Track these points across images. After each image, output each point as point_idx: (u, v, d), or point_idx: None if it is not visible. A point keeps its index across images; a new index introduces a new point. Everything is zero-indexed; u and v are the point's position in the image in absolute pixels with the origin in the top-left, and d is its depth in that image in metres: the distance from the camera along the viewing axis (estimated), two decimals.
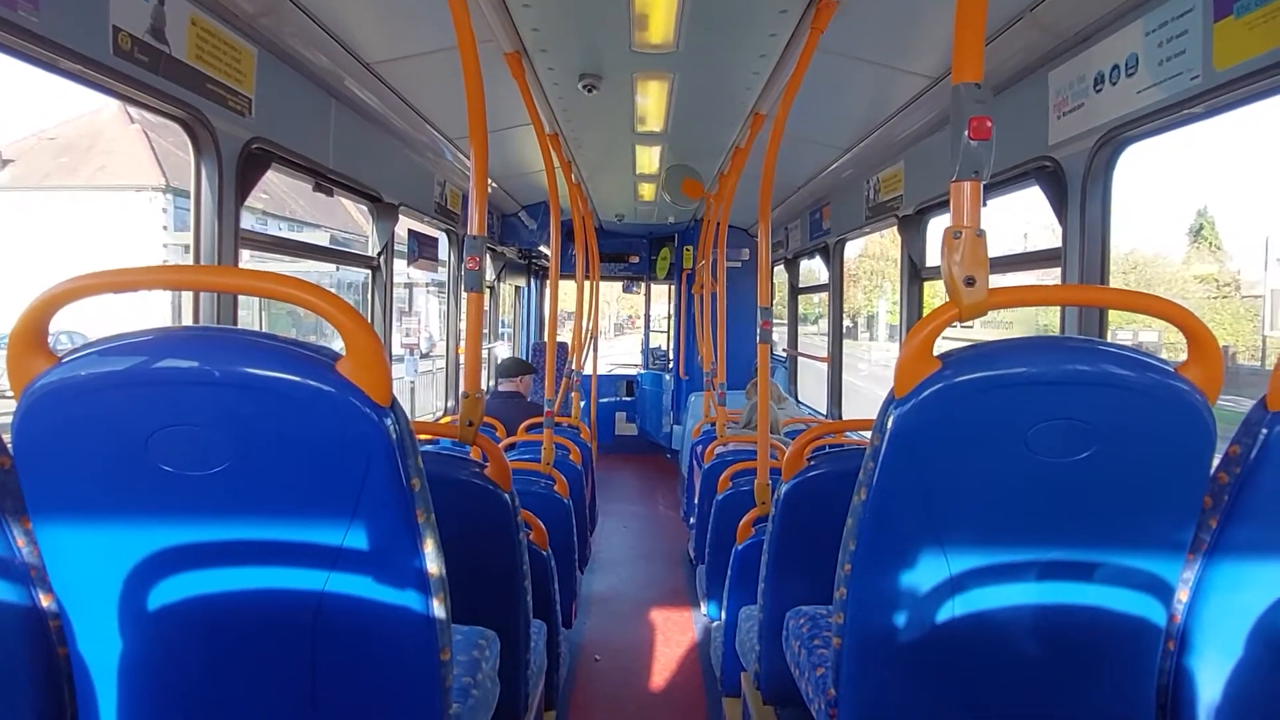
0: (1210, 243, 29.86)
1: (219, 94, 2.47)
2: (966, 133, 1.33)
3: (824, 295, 7.13)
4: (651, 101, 4.00)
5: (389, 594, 1.23)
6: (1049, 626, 1.38)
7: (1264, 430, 1.30)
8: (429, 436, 3.22)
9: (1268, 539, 1.33)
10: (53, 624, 1.24)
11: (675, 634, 4.29)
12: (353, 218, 22.71)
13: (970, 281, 1.33)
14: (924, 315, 1.42)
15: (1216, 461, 1.36)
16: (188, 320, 2.52)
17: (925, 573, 1.37)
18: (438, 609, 1.26)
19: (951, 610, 1.38)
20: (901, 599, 1.39)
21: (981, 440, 1.31)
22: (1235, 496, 1.33)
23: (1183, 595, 1.39)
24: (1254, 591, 1.35)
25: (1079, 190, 2.53)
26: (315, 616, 1.22)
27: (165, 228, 17.79)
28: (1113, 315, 2.71)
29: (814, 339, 8.06)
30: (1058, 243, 2.69)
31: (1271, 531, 1.33)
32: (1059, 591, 1.37)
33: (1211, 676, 1.38)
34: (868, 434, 1.45)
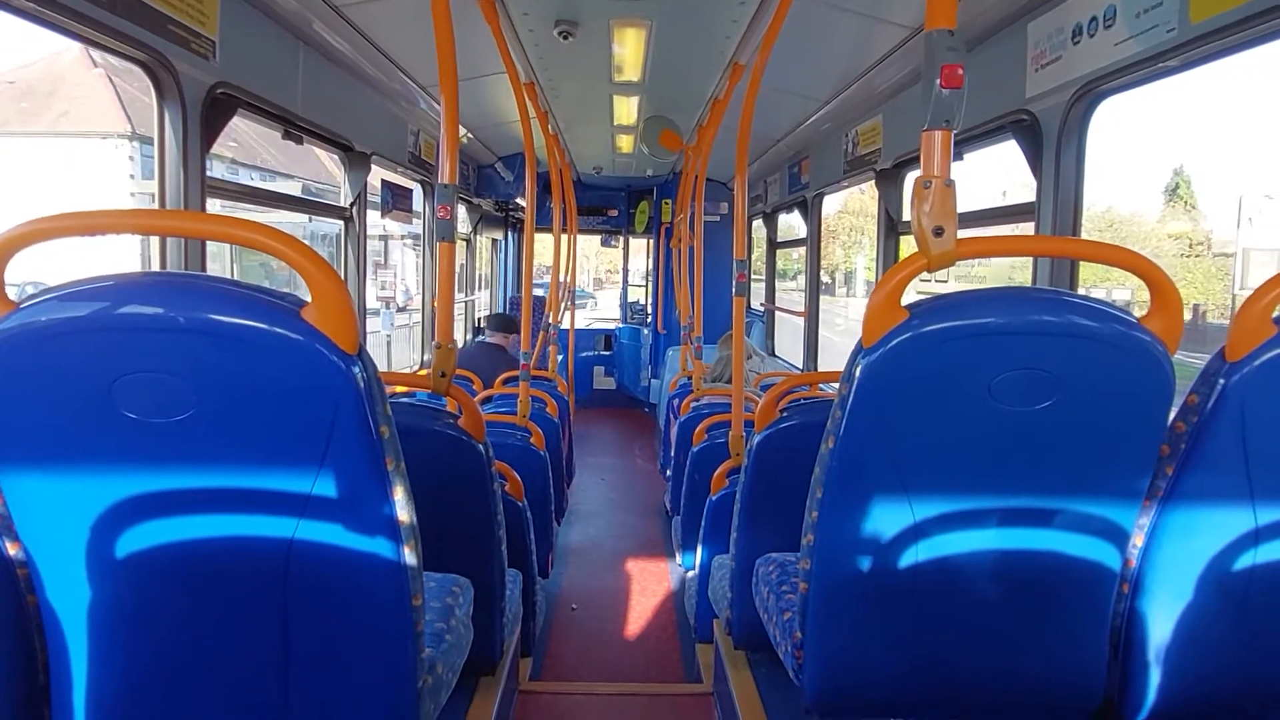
0: (1185, 201, 30.03)
1: (181, 35, 2.39)
2: (938, 81, 1.32)
3: (801, 251, 7.13)
4: (629, 50, 3.93)
5: (359, 541, 1.23)
6: (1008, 570, 1.42)
7: (1221, 380, 1.33)
8: (403, 388, 3.21)
9: (1220, 486, 1.37)
10: (20, 572, 1.23)
11: (650, 583, 4.37)
12: (325, 168, 22.18)
13: (939, 231, 1.33)
14: None
15: (1174, 411, 1.39)
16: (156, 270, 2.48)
17: (889, 519, 1.40)
18: (408, 555, 1.28)
19: (914, 555, 1.41)
20: (866, 544, 1.42)
21: (946, 389, 1.33)
22: (1191, 445, 1.37)
23: (1138, 540, 1.43)
24: (1205, 537, 1.39)
25: (1054, 144, 2.53)
26: (286, 563, 1.23)
27: (132, 176, 17.23)
28: (1087, 274, 2.73)
29: (791, 295, 8.08)
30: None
31: (1224, 479, 1.37)
32: (1019, 537, 1.40)
33: (1162, 618, 1.43)
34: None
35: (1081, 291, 2.56)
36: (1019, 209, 2.93)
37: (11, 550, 1.22)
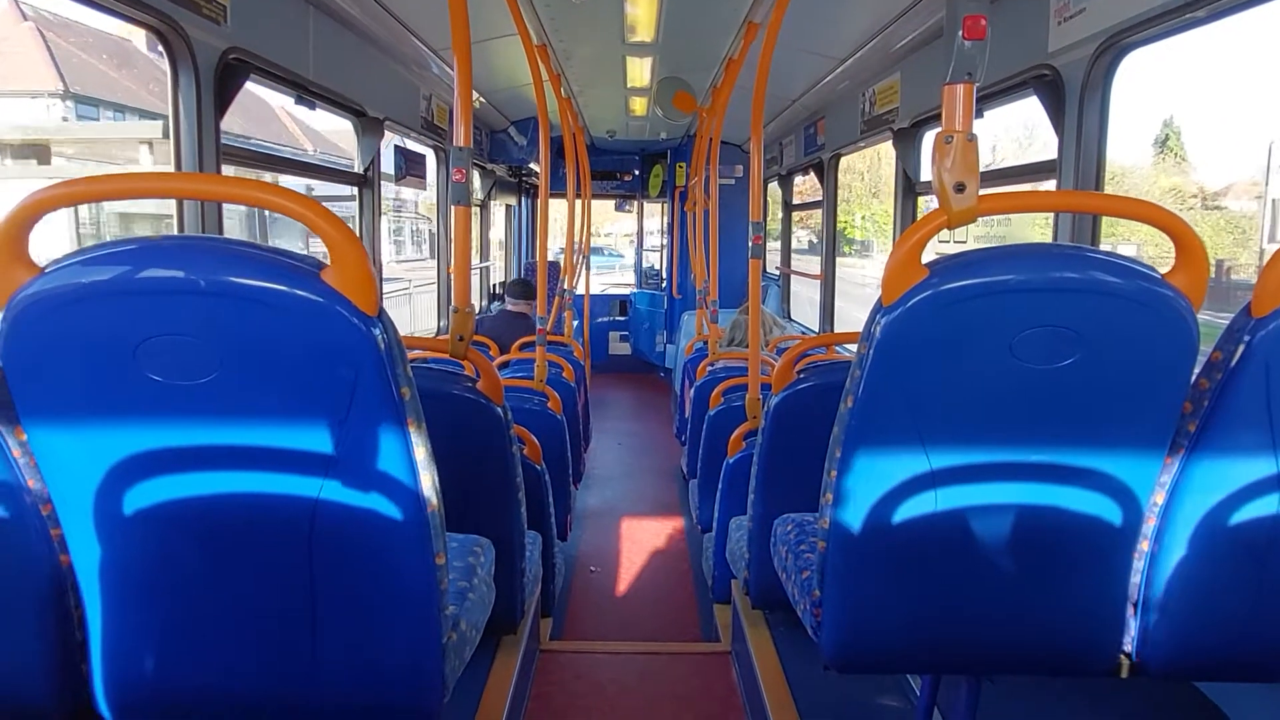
0: (1175, 153, 29.09)
1: (192, 0, 2.38)
2: (960, 32, 1.29)
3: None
4: (642, 10, 3.87)
5: (383, 500, 1.25)
6: (1028, 527, 1.42)
7: (1246, 337, 1.32)
8: (420, 354, 3.23)
9: (1244, 443, 1.36)
10: (54, 533, 1.26)
11: (667, 545, 4.41)
12: (289, 133, 21.77)
13: (960, 188, 1.32)
14: None
15: (1199, 368, 1.38)
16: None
17: (908, 477, 1.40)
18: (431, 515, 1.29)
19: (934, 513, 1.41)
20: (885, 503, 1.42)
21: (967, 347, 1.32)
22: (1214, 402, 1.35)
23: (1159, 498, 1.42)
24: (1227, 495, 1.38)
25: (1077, 99, 2.49)
26: (311, 522, 1.25)
27: None
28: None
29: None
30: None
31: (1248, 436, 1.35)
32: (1038, 493, 1.40)
33: (1183, 576, 1.43)
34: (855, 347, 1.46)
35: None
36: (1040, 166, 2.88)
37: (45, 512, 1.25)
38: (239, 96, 3.25)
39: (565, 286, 5.97)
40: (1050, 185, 2.70)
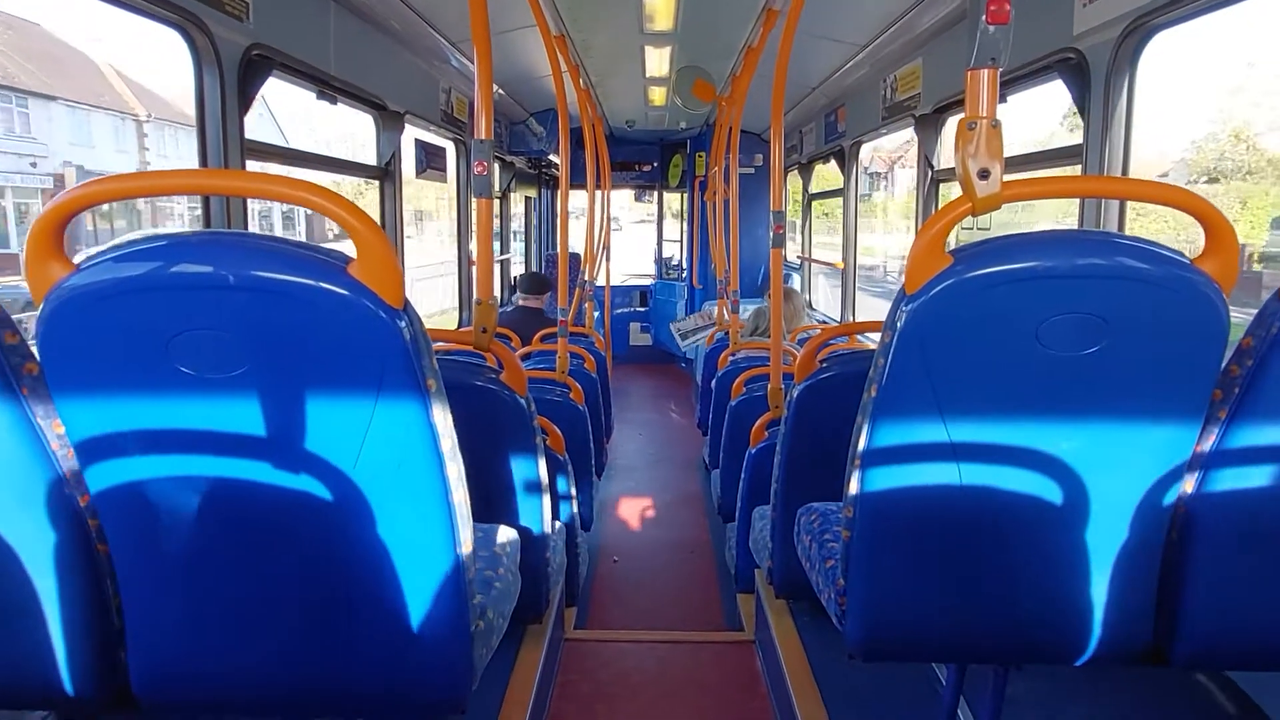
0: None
1: None
2: (984, 16, 1.28)
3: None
4: None
5: (410, 490, 1.27)
6: (1054, 515, 1.41)
7: (1278, 322, 1.30)
8: (444, 346, 3.26)
9: (1275, 430, 1.34)
10: (92, 523, 1.29)
11: (690, 535, 4.42)
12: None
13: (984, 174, 1.30)
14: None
15: (1229, 354, 1.36)
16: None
17: (933, 466, 1.40)
18: (457, 505, 1.31)
19: (959, 501, 1.41)
20: (909, 492, 1.42)
21: (992, 335, 1.31)
22: (1245, 389, 1.34)
23: (1188, 486, 1.40)
24: (1259, 483, 1.36)
25: (1103, 83, 2.45)
26: (339, 512, 1.26)
27: None
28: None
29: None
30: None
31: (1279, 424, 1.34)
32: (1065, 481, 1.39)
33: (1212, 563, 1.41)
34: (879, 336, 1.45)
35: None
36: (1065, 151, 2.85)
37: (83, 502, 1.28)
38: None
39: (586, 278, 5.98)
40: (1075, 172, 2.67)
